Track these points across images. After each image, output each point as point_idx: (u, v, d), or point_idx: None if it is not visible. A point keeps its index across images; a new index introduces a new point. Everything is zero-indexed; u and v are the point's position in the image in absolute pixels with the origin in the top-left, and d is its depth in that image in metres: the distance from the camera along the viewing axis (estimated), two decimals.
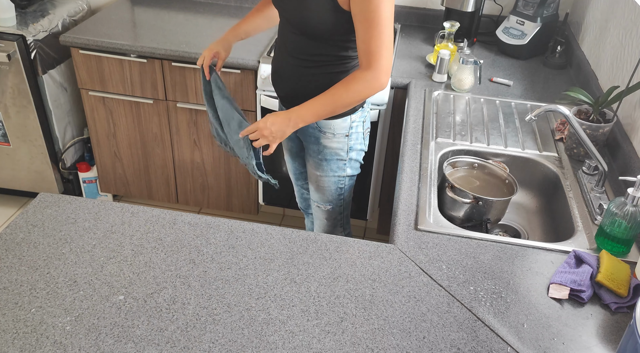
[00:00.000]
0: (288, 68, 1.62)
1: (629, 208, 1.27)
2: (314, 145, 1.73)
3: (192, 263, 1.22)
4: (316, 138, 1.70)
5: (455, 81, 2.05)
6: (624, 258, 1.31)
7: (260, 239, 1.30)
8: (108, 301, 1.12)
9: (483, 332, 1.11)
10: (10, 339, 1.03)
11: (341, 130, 1.67)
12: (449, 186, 1.53)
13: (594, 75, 2.03)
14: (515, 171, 1.67)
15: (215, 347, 1.04)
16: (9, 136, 2.55)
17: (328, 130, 1.67)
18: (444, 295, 1.18)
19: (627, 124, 1.68)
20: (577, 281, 1.20)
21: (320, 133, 1.68)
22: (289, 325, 1.09)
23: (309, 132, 1.70)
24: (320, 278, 1.20)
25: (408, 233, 1.35)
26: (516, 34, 2.34)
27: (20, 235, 1.27)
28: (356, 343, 1.06)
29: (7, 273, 1.17)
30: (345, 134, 1.68)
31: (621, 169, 1.60)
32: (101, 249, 1.25)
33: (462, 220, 1.55)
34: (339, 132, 1.67)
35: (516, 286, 1.22)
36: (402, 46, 2.44)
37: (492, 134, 1.82)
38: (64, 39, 2.30)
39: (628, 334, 0.95)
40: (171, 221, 1.34)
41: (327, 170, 1.75)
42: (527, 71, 2.28)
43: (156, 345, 1.04)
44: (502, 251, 1.31)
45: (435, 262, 1.27)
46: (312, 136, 1.71)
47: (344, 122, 1.66)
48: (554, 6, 2.32)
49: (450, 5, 2.38)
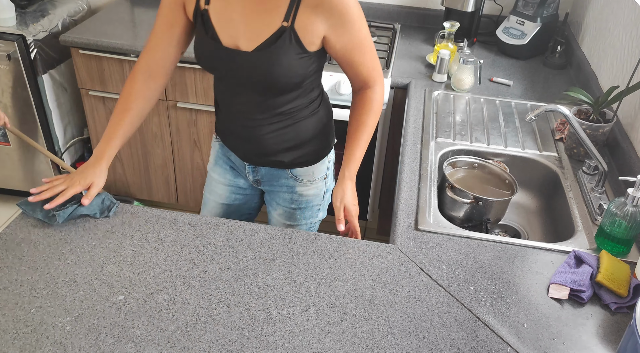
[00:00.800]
0: (251, 130, 1.41)
1: (629, 208, 1.27)
2: (285, 194, 1.53)
3: (192, 263, 1.22)
4: (290, 186, 1.51)
5: (455, 81, 2.05)
6: (624, 258, 1.31)
7: (260, 239, 1.30)
8: (108, 301, 1.12)
9: (483, 332, 1.11)
10: (10, 339, 1.03)
11: (320, 174, 1.51)
12: (449, 186, 1.53)
13: (594, 75, 2.03)
14: (515, 171, 1.67)
15: (215, 347, 1.04)
16: (9, 136, 2.55)
17: (307, 177, 1.50)
18: (444, 295, 1.18)
19: (627, 124, 1.68)
20: (577, 281, 1.20)
21: (296, 181, 1.50)
22: (289, 325, 1.09)
23: (280, 181, 1.51)
24: (320, 278, 1.20)
25: (408, 233, 1.35)
26: (516, 34, 2.34)
27: (20, 235, 1.27)
28: (356, 343, 1.06)
29: (7, 273, 1.17)
30: (324, 177, 1.53)
31: (621, 169, 1.60)
32: (101, 249, 1.25)
33: (462, 220, 1.55)
34: (317, 176, 1.51)
35: (516, 286, 1.22)
36: (402, 46, 2.44)
37: (492, 134, 1.82)
38: (64, 39, 2.30)
39: (628, 334, 0.95)
40: (171, 221, 1.34)
41: (300, 218, 1.56)
42: (527, 71, 2.28)
43: (156, 345, 1.04)
44: (502, 251, 1.31)
45: (435, 262, 1.27)
46: (285, 186, 1.51)
47: (322, 164, 1.51)
48: (554, 6, 2.32)
49: (450, 5, 2.38)
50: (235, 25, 1.26)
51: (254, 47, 1.26)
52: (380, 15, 2.67)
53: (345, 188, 1.39)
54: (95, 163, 1.32)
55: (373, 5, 2.65)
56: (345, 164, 1.41)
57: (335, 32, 1.25)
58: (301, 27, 1.23)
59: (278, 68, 1.26)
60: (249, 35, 1.26)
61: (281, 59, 1.25)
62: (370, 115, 1.39)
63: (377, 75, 1.37)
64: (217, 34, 1.29)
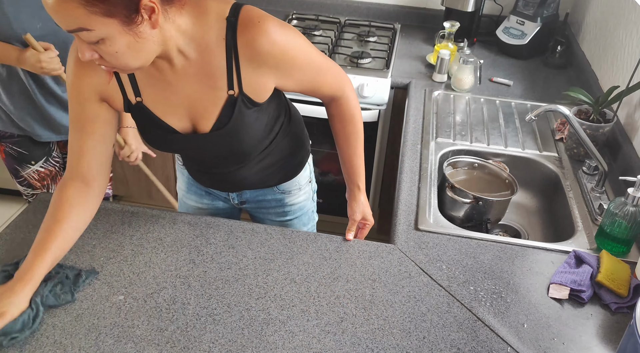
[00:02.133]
0: (228, 176, 1.34)
1: (629, 208, 1.27)
2: (277, 208, 1.48)
3: (192, 263, 1.22)
4: (279, 200, 1.46)
5: (455, 81, 2.05)
6: (624, 258, 1.31)
7: (260, 239, 1.30)
8: (108, 301, 1.12)
9: (483, 332, 1.11)
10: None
11: (305, 180, 1.47)
12: (449, 186, 1.53)
13: (594, 75, 2.03)
14: (515, 171, 1.67)
15: (215, 347, 1.04)
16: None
17: (294, 188, 1.45)
18: (444, 295, 1.18)
19: (627, 124, 1.68)
20: (577, 281, 1.20)
21: (284, 195, 1.45)
22: (289, 325, 1.09)
23: (268, 198, 1.45)
24: (320, 278, 1.20)
25: (408, 233, 1.35)
26: (516, 34, 2.33)
27: (20, 235, 1.27)
28: (356, 343, 1.06)
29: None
30: (309, 181, 1.50)
31: (621, 169, 1.60)
32: (101, 249, 1.24)
33: (462, 220, 1.55)
34: (303, 183, 1.47)
35: (516, 286, 1.22)
36: (402, 46, 2.44)
37: (492, 134, 1.82)
38: None
39: (628, 334, 0.95)
40: (171, 221, 1.34)
41: (299, 226, 1.53)
42: (527, 71, 2.28)
43: (156, 345, 1.04)
44: (502, 251, 1.31)
45: (435, 262, 1.27)
46: (273, 201, 1.46)
47: (305, 170, 1.47)
48: (554, 6, 2.32)
49: (450, 5, 2.38)
50: (183, 110, 1.14)
51: (211, 126, 1.15)
52: (380, 15, 2.67)
53: (363, 202, 1.38)
54: (14, 287, 1.04)
55: (373, 5, 2.65)
56: (354, 176, 1.36)
57: (288, 78, 1.14)
58: (250, 90, 1.12)
59: (242, 139, 1.18)
60: (202, 115, 1.14)
61: (242, 129, 1.16)
62: (353, 122, 1.30)
63: (342, 84, 1.25)
64: (164, 122, 1.15)
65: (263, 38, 1.05)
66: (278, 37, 1.06)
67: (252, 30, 1.04)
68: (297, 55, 1.11)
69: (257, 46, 1.05)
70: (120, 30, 0.91)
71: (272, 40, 1.05)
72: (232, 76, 1.09)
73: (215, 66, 1.08)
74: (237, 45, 1.05)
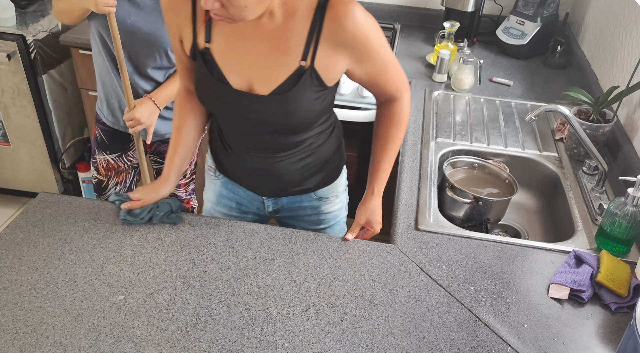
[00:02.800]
0: (269, 167, 1.32)
1: (629, 208, 1.27)
2: (312, 217, 1.46)
3: (192, 263, 1.22)
4: (315, 207, 1.44)
5: (455, 81, 2.05)
6: (624, 258, 1.31)
7: (260, 239, 1.30)
8: (108, 301, 1.12)
9: (483, 332, 1.11)
10: (10, 339, 1.03)
11: (341, 187, 1.45)
12: (449, 186, 1.53)
13: (594, 75, 2.03)
14: (515, 171, 1.67)
15: (215, 347, 1.04)
16: (8, 136, 2.55)
17: (330, 195, 1.43)
18: (444, 295, 1.18)
19: (627, 124, 1.68)
20: (577, 281, 1.20)
21: (321, 201, 1.43)
22: (289, 325, 1.09)
23: (304, 205, 1.43)
24: (320, 278, 1.20)
25: (408, 233, 1.35)
26: (516, 34, 2.34)
27: (20, 235, 1.27)
28: (356, 343, 1.06)
29: (7, 273, 1.17)
30: (344, 189, 1.48)
31: (621, 169, 1.60)
32: (101, 249, 1.24)
33: (462, 220, 1.55)
34: (339, 190, 1.45)
35: (516, 286, 1.22)
36: (402, 46, 2.44)
37: (492, 134, 1.82)
38: (64, 39, 2.30)
39: (628, 334, 0.95)
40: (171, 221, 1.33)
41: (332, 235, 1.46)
42: (527, 71, 2.28)
43: (156, 345, 1.04)
44: (502, 251, 1.31)
45: (435, 262, 1.27)
46: (309, 208, 1.44)
47: (341, 177, 1.45)
48: (554, 6, 2.32)
49: (450, 5, 2.38)
50: (246, 66, 1.15)
51: (271, 90, 1.15)
52: (380, 15, 2.66)
53: (371, 208, 1.34)
54: (158, 185, 1.35)
55: (373, 5, 2.65)
56: (374, 180, 1.33)
57: (358, 64, 1.17)
58: (322, 66, 1.13)
59: (297, 111, 1.18)
60: (264, 78, 1.15)
61: (300, 101, 1.16)
62: (399, 128, 1.31)
63: (403, 87, 1.28)
64: (224, 75, 1.17)
65: (350, 18, 1.09)
66: (363, 21, 1.10)
67: (342, 8, 1.09)
68: (374, 44, 1.15)
69: (342, 23, 1.09)
70: None
71: (357, 21, 1.10)
72: (309, 48, 1.12)
73: (297, 33, 1.11)
74: (324, 19, 1.10)
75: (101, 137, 1.88)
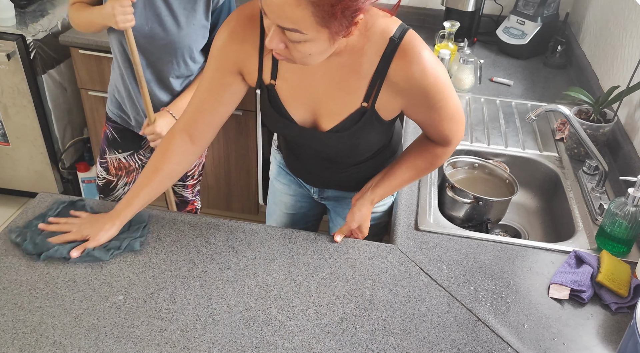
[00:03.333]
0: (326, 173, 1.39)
1: (630, 208, 1.26)
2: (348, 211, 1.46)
3: (192, 263, 1.22)
4: None
5: (456, 80, 2.05)
6: (625, 258, 1.31)
7: (260, 239, 1.30)
8: (108, 301, 1.12)
9: (483, 332, 1.10)
10: (10, 339, 1.03)
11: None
12: (449, 186, 1.53)
13: (594, 75, 2.03)
14: (516, 171, 1.67)
15: (215, 347, 1.04)
16: (8, 136, 2.55)
17: None
18: (444, 295, 1.18)
19: (628, 124, 1.68)
20: (577, 281, 1.20)
21: None
22: (289, 325, 1.09)
23: (347, 201, 1.44)
24: (320, 278, 1.20)
25: (408, 233, 1.35)
26: (516, 34, 2.33)
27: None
28: (356, 344, 1.06)
29: (7, 273, 1.17)
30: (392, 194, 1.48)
31: (621, 169, 1.60)
32: None
33: (463, 220, 1.55)
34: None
35: (516, 287, 1.22)
36: None
37: (493, 134, 1.82)
38: (64, 38, 2.29)
39: (628, 334, 0.95)
40: (171, 221, 1.33)
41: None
42: (528, 70, 2.28)
43: (156, 345, 1.03)
44: (502, 251, 1.31)
45: (435, 262, 1.27)
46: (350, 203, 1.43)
47: None
48: (554, 6, 2.32)
49: (450, 5, 2.38)
50: (310, 104, 1.18)
51: (331, 127, 1.19)
52: None
53: (365, 214, 1.31)
54: (107, 222, 1.23)
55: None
56: (375, 187, 1.30)
57: (416, 109, 1.16)
58: (381, 107, 1.15)
59: (359, 146, 1.22)
60: (327, 114, 1.18)
61: (361, 138, 1.19)
62: (428, 166, 1.29)
63: (456, 138, 1.24)
64: (287, 112, 1.20)
65: (417, 67, 1.06)
66: (431, 71, 1.07)
67: (410, 57, 1.06)
68: (437, 95, 1.11)
69: (409, 72, 1.07)
70: (325, 39, 0.96)
71: (425, 72, 1.07)
72: (372, 91, 1.12)
73: (362, 76, 1.11)
74: (391, 65, 1.08)
75: (112, 135, 1.88)
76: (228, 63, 1.16)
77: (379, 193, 1.31)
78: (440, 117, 1.17)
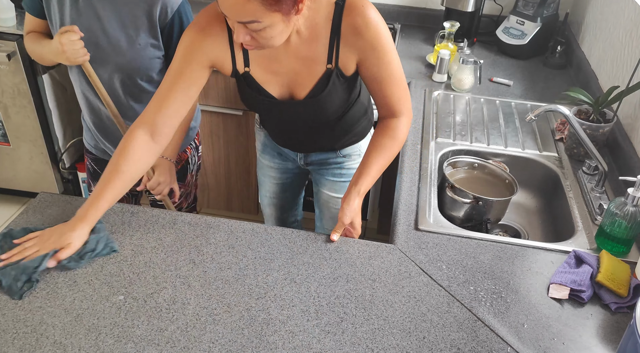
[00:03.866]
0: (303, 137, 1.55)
1: (629, 208, 1.27)
2: (335, 170, 1.63)
3: (192, 263, 1.22)
4: (339, 163, 1.62)
5: (455, 81, 2.05)
6: (624, 258, 1.31)
7: (260, 239, 1.30)
8: (108, 301, 1.12)
9: (483, 332, 1.11)
10: (10, 339, 1.03)
11: (365, 147, 1.48)
12: (449, 186, 1.53)
13: (594, 75, 2.03)
14: (515, 171, 1.67)
15: (215, 347, 1.04)
16: (8, 136, 2.55)
17: (354, 153, 1.60)
18: (444, 295, 1.18)
19: (627, 124, 1.68)
20: (577, 281, 1.20)
21: (345, 158, 1.61)
22: (289, 325, 1.09)
23: (329, 161, 1.62)
24: (320, 278, 1.20)
25: (408, 233, 1.35)
26: (516, 34, 2.33)
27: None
28: (356, 344, 1.06)
29: None
30: None
31: (621, 169, 1.60)
32: None
33: (462, 220, 1.55)
34: (364, 150, 1.50)
35: (516, 286, 1.22)
36: (402, 46, 2.44)
37: (492, 134, 1.82)
38: None
39: (628, 334, 0.95)
40: (171, 221, 1.34)
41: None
42: (527, 71, 2.28)
43: (156, 345, 1.04)
44: (502, 251, 1.31)
45: (435, 262, 1.27)
46: (334, 164, 1.62)
47: (367, 139, 1.60)
48: (554, 6, 2.32)
49: (450, 5, 2.38)
50: (285, 80, 1.33)
51: (306, 94, 1.33)
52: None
53: (355, 208, 1.32)
54: (75, 225, 1.20)
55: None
56: (357, 180, 1.33)
57: (366, 62, 1.28)
58: (343, 64, 1.29)
59: (331, 108, 1.37)
60: (299, 86, 1.33)
61: (334, 99, 1.35)
62: (394, 142, 1.36)
63: (404, 108, 1.37)
64: (266, 90, 1.34)
65: (362, 19, 1.23)
66: (374, 21, 1.24)
67: (356, 11, 1.23)
68: (380, 48, 1.26)
69: (356, 24, 1.23)
70: (280, 20, 1.11)
71: (368, 21, 1.23)
72: (332, 52, 1.27)
73: (320, 42, 1.26)
74: (342, 23, 1.24)
75: (93, 168, 1.80)
76: (198, 55, 1.26)
77: (363, 184, 1.34)
78: (384, 77, 1.30)
